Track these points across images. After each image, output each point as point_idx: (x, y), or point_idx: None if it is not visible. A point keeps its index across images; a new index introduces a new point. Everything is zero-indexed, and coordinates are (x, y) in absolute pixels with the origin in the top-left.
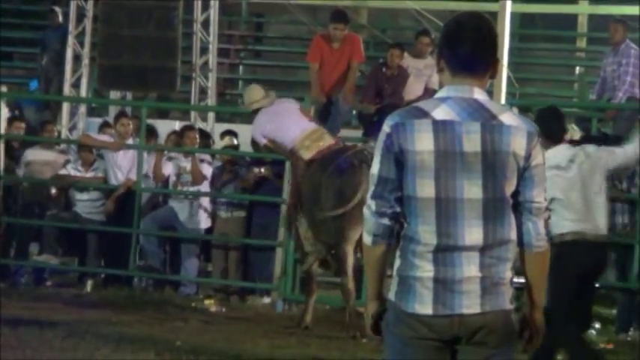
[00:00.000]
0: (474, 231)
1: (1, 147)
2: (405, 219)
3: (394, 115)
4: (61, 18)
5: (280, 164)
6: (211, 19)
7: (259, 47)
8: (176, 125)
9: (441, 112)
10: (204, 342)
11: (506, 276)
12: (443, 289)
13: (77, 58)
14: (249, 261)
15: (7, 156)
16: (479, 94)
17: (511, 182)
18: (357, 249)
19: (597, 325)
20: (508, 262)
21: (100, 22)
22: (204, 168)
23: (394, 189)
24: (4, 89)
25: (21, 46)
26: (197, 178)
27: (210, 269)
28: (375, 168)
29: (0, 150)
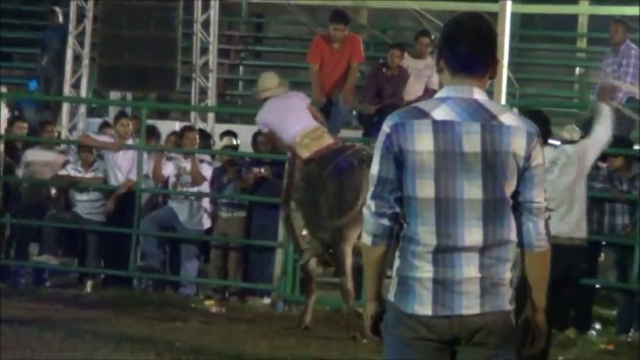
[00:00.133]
0: (474, 231)
1: (1, 147)
2: (405, 219)
3: (394, 116)
4: (61, 18)
5: (280, 164)
6: (211, 20)
7: (259, 48)
8: (176, 126)
9: (441, 113)
10: (204, 343)
11: (505, 277)
12: (442, 290)
13: (77, 59)
14: (249, 261)
15: (9, 156)
16: (478, 95)
17: (511, 182)
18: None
19: (597, 326)
20: (508, 263)
21: (100, 23)
22: (203, 168)
23: (394, 189)
24: (4, 90)
25: (21, 47)
26: (197, 179)
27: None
28: (375, 168)
29: None
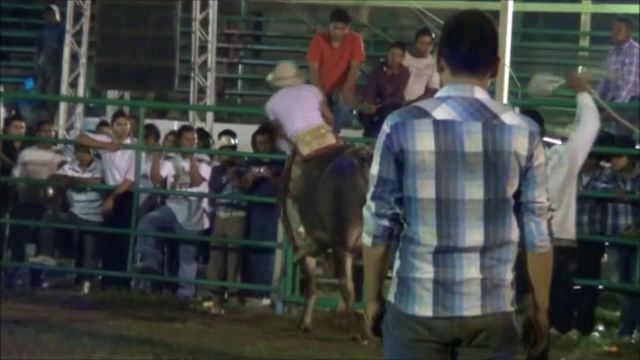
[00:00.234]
0: (475, 232)
1: None
2: (405, 220)
3: (394, 115)
4: (58, 17)
5: (279, 164)
6: (210, 18)
7: (258, 46)
8: (174, 125)
9: (442, 112)
10: (202, 344)
11: (507, 277)
12: (443, 291)
13: (74, 58)
14: (248, 262)
15: (6, 156)
16: (480, 94)
17: (513, 182)
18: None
19: (601, 328)
20: (509, 264)
21: (98, 21)
22: (202, 168)
23: (394, 190)
24: (1, 89)
25: (18, 45)
26: (195, 179)
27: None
28: (375, 168)
29: None
